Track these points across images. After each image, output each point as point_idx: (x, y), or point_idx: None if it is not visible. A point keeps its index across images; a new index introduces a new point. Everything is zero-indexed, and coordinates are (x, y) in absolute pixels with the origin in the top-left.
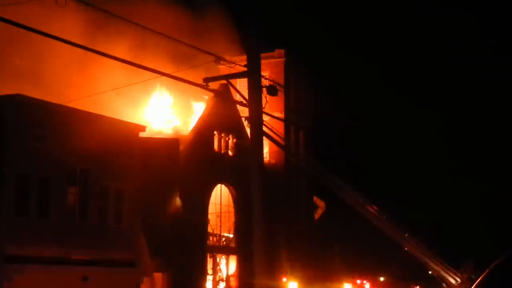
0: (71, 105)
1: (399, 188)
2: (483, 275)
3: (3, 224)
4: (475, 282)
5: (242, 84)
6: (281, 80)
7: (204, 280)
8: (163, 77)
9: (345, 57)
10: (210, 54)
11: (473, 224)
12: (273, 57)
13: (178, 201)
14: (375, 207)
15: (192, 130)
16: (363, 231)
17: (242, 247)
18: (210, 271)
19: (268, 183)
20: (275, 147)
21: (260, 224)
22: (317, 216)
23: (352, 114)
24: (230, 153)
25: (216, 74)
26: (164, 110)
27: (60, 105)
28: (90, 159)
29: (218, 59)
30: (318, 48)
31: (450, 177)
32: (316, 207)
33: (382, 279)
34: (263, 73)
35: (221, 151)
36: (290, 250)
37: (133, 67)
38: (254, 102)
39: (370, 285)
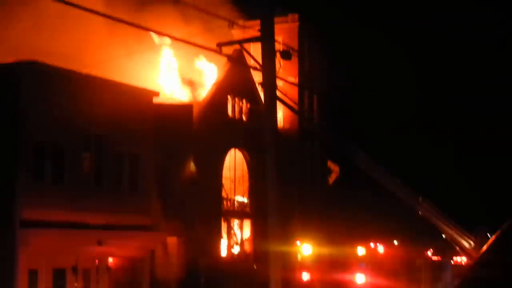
0: (85, 71)
1: (413, 154)
2: (493, 238)
3: (19, 189)
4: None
5: (256, 49)
6: (295, 45)
7: (219, 244)
8: (176, 43)
9: (359, 22)
10: (224, 19)
11: (487, 190)
12: (287, 22)
13: (192, 166)
14: (389, 171)
15: (206, 95)
16: (376, 196)
17: (256, 212)
18: (224, 235)
19: (282, 147)
20: (289, 112)
21: (274, 188)
22: (331, 180)
23: (366, 79)
24: (244, 118)
25: (230, 39)
26: (177, 76)
27: (75, 72)
28: (104, 125)
29: (232, 24)
30: (332, 12)
31: (463, 141)
32: (330, 171)
33: (396, 242)
34: (276, 38)
35: (235, 116)
36: (304, 214)
37: (146, 32)
38: (268, 67)
39: (384, 248)
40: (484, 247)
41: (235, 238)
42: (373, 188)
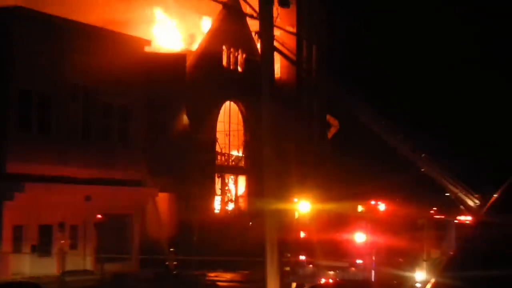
0: (74, 18)
1: (416, 108)
2: (497, 195)
3: (4, 140)
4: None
5: None
6: None
7: (212, 200)
8: None
9: None
10: None
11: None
12: None
13: (185, 119)
14: (391, 126)
15: (200, 44)
16: (378, 152)
17: (251, 167)
18: (218, 191)
19: (279, 100)
20: (286, 62)
21: (270, 142)
22: (330, 135)
23: (367, 29)
24: (239, 69)
25: None
26: (170, 25)
27: (63, 19)
28: (93, 75)
29: None
30: None
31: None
32: (329, 125)
33: (397, 200)
34: None
35: (230, 67)
36: (301, 170)
37: None
38: (265, 15)
39: (385, 206)
40: (489, 206)
41: (229, 195)
42: (374, 144)
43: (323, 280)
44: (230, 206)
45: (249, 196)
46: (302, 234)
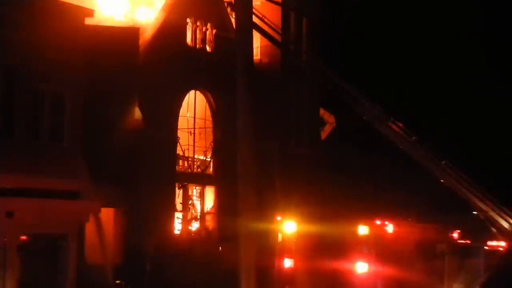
0: None
1: (435, 104)
2: None
3: None
4: None
5: None
6: None
7: (172, 218)
8: None
9: None
10: None
11: None
12: None
13: (137, 112)
14: (401, 125)
15: (157, 17)
16: (383, 157)
17: (222, 175)
18: (179, 206)
19: (259, 88)
20: (268, 42)
21: (247, 143)
22: (324, 134)
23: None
24: (208, 48)
25: None
26: None
27: None
28: (18, 53)
29: None
30: None
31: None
32: (323, 123)
33: (410, 220)
34: None
35: (196, 46)
36: (287, 179)
37: None
38: None
39: (394, 227)
40: None
41: (193, 211)
42: (380, 148)
43: None
44: (195, 226)
45: (219, 213)
46: (287, 263)
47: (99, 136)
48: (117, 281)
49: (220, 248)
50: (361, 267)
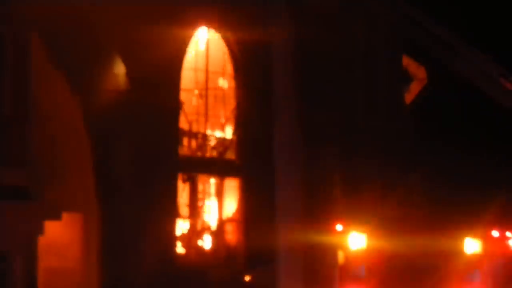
0: None
1: None
2: None
3: None
4: None
5: None
6: None
7: (172, 229)
8: None
9: None
10: None
11: None
12: None
13: (119, 65)
14: None
15: None
16: (500, 138)
17: (250, 161)
18: (184, 210)
19: (309, 26)
20: None
21: (290, 110)
22: (409, 97)
23: None
24: None
25: None
26: None
27: None
28: None
29: None
30: None
31: None
32: (408, 79)
33: None
34: None
35: None
36: (351, 169)
37: None
38: None
39: None
40: None
41: (205, 216)
42: (491, 123)
43: None
44: (208, 241)
45: (246, 220)
46: None
47: (62, 103)
48: None
49: (247, 277)
50: None
